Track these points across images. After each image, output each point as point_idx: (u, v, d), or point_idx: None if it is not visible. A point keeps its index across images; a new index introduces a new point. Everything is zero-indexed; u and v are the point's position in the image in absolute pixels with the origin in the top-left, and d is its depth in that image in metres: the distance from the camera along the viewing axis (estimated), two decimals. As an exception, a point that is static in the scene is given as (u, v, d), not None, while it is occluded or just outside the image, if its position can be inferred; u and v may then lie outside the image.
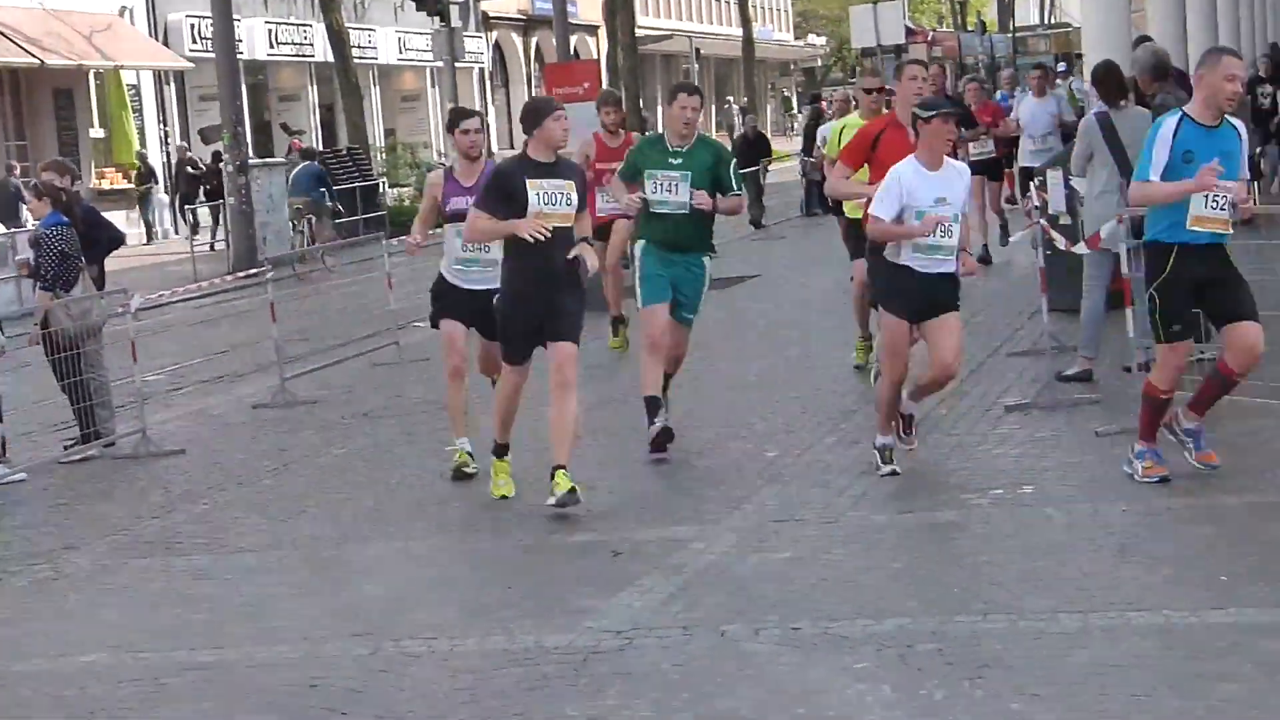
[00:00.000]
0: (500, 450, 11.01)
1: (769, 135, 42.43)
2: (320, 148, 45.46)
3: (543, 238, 10.27)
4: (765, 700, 6.89)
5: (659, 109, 66.17)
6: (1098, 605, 7.64)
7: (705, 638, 7.76)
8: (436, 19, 21.74)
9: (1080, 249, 12.49)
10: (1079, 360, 12.96)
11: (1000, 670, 6.95)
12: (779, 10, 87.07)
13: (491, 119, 56.09)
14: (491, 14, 57.12)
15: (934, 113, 10.23)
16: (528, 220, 10.29)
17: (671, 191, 11.84)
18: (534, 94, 58.15)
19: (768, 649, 7.53)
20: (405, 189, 41.96)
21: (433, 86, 52.71)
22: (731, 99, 73.90)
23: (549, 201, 10.41)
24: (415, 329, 20.85)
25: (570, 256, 10.45)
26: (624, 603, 8.42)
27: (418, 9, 21.58)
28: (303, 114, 48.97)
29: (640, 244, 11.98)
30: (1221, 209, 9.36)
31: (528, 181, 10.41)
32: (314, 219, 34.32)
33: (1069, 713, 6.46)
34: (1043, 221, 13.24)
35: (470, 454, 11.55)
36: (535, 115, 10.55)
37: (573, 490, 10.16)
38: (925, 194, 10.14)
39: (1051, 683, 6.74)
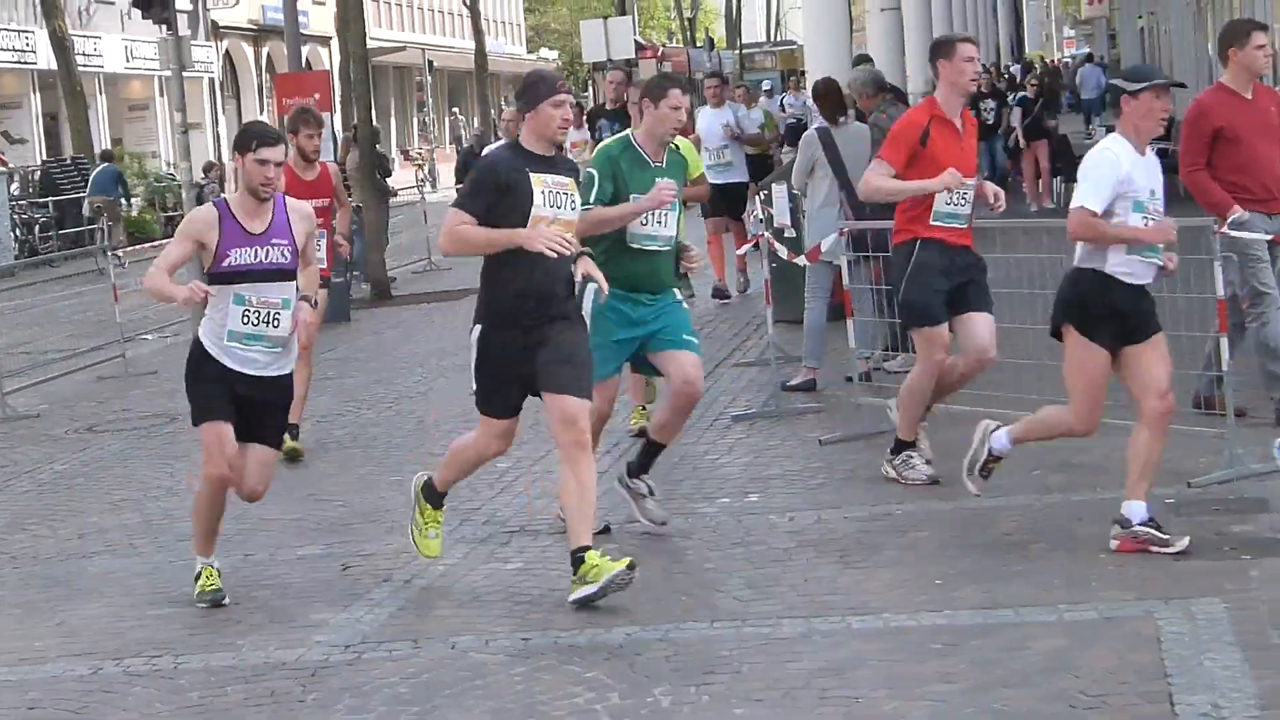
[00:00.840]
0: (435, 498, 9.03)
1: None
2: (44, 157, 44.50)
3: (566, 252, 8.18)
4: (495, 712, 6.92)
5: (391, 120, 65.96)
6: (820, 610, 7.81)
7: (435, 650, 7.77)
8: (163, 27, 21.31)
9: (802, 260, 12.73)
10: (803, 370, 13.21)
11: (726, 676, 7.07)
12: (512, 24, 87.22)
13: (222, 130, 55.35)
14: (221, 23, 56.35)
15: (1144, 85, 8.32)
16: (542, 229, 8.16)
17: (662, 223, 9.32)
18: (265, 105, 57.61)
19: (498, 660, 7.56)
20: (134, 199, 41.21)
21: (161, 96, 51.79)
22: (457, 110, 73.90)
23: (555, 204, 8.33)
24: (142, 341, 20.54)
25: (579, 277, 8.40)
26: (354, 616, 8.39)
27: (143, 16, 21.20)
28: (25, 122, 47.79)
29: (595, 292, 8.63)
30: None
31: (531, 176, 8.27)
32: (111, 222, 33.89)
33: (792, 716, 6.59)
34: (767, 234, 13.47)
35: (218, 570, 8.92)
36: (532, 93, 8.37)
37: (631, 566, 8.01)
38: (1142, 182, 8.27)
39: (775, 687, 6.87)
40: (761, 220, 13.93)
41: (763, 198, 15.06)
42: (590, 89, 59.82)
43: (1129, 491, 8.24)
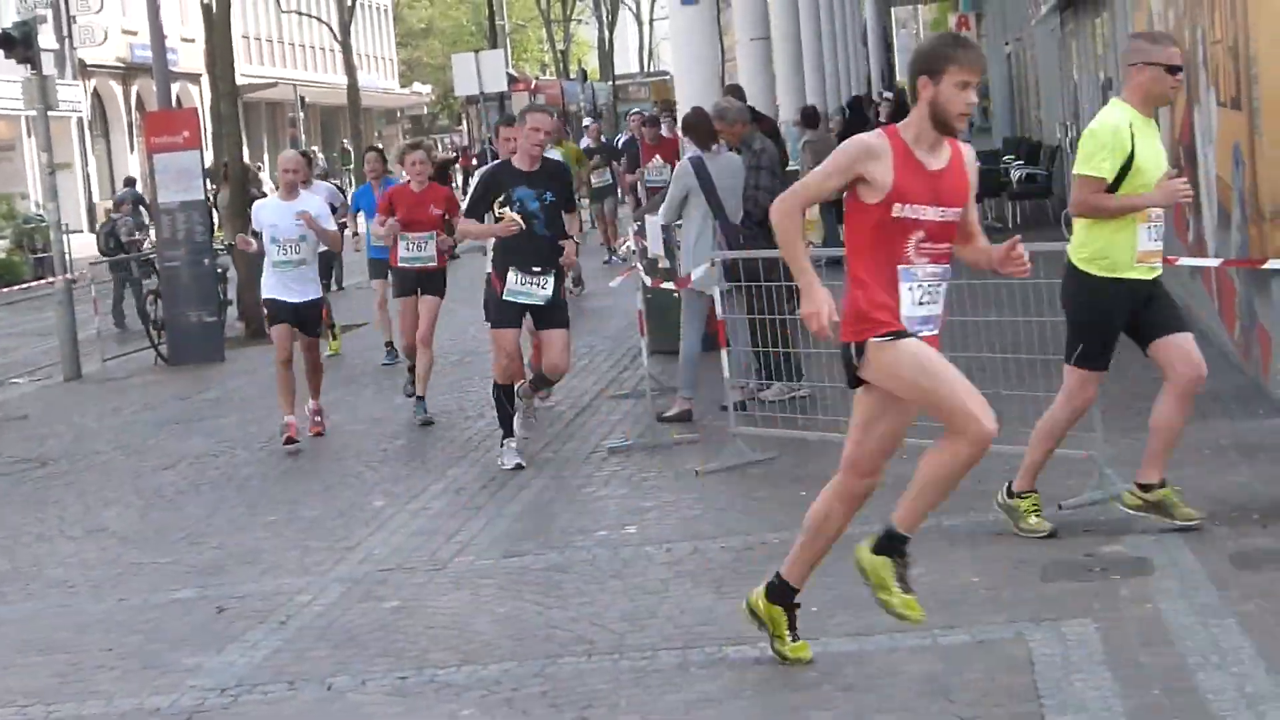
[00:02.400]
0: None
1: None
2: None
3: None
4: (371, 751, 6.88)
5: (265, 156, 65.53)
6: (696, 641, 7.82)
7: (311, 691, 7.71)
8: (28, 66, 21.07)
9: (668, 285, 12.74)
10: (678, 401, 13.23)
11: (604, 709, 7.06)
12: (384, 59, 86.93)
13: (92, 170, 54.76)
14: (89, 62, 55.75)
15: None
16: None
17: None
18: (135, 144, 57.03)
19: (375, 699, 7.52)
20: (2, 240, 40.68)
21: (28, 136, 51.16)
22: (317, 148, 73.51)
23: None
24: (13, 386, 20.28)
25: None
26: (229, 659, 8.32)
27: (5, 56, 20.94)
28: (-112, 163, 47.10)
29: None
30: None
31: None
32: None
33: (669, 748, 6.61)
34: (639, 265, 13.50)
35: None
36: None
37: None
38: None
39: (652, 719, 6.87)
40: (635, 251, 13.95)
41: (636, 229, 15.10)
42: (464, 123, 59.72)
43: None
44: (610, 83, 77.98)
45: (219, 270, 22.07)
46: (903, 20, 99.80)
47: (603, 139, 31.01)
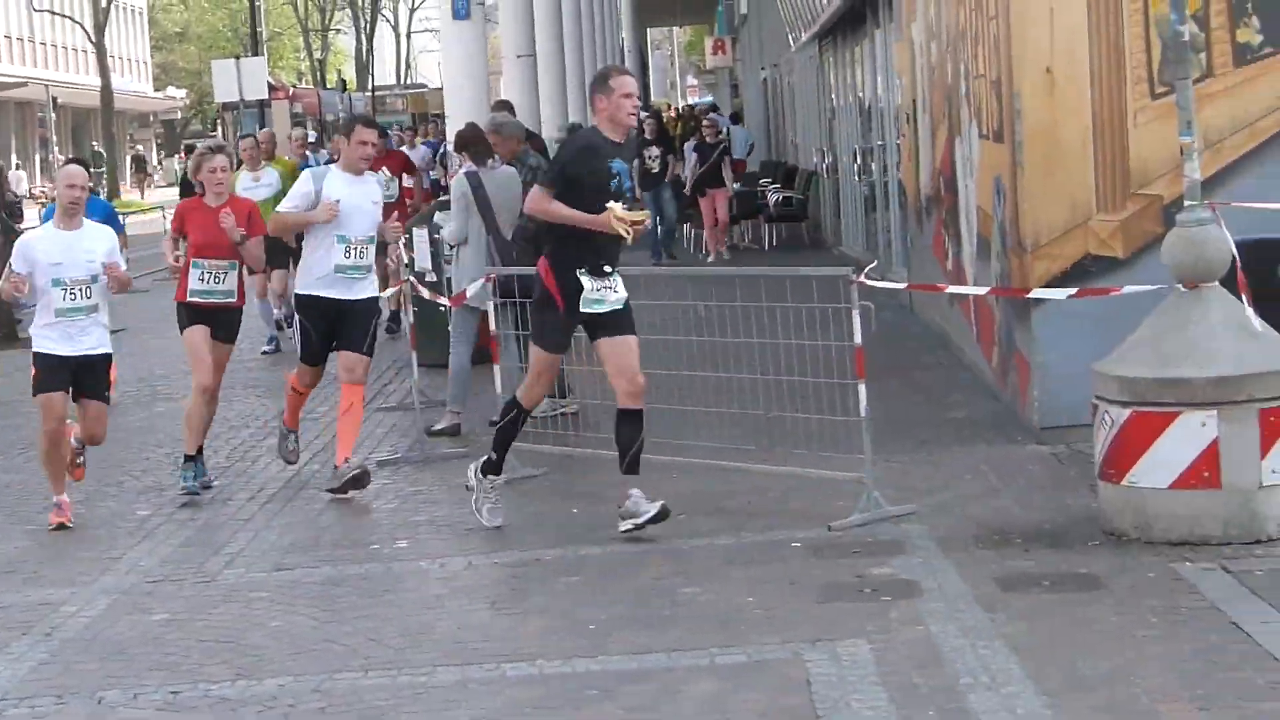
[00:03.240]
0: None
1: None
2: None
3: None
4: (146, 766, 6.77)
5: (12, 157, 64.03)
6: (475, 658, 7.80)
7: (80, 705, 7.55)
8: None
9: (444, 301, 12.69)
10: (447, 415, 13.21)
11: (383, 726, 7.03)
12: (138, 61, 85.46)
13: None
14: None
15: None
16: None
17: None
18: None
19: (146, 714, 7.39)
20: None
21: None
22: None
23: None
24: None
25: None
26: (-9, 671, 8.12)
27: None
28: None
29: None
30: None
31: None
32: None
33: (451, 764, 6.59)
34: (410, 278, 13.45)
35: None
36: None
37: None
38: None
39: (433, 736, 6.87)
40: (407, 264, 13.90)
41: (404, 241, 15.02)
42: (219, 129, 58.89)
43: None
44: (369, 93, 77.55)
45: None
46: (657, 41, 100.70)
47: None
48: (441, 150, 25.00)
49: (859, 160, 23.96)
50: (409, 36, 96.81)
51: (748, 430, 11.01)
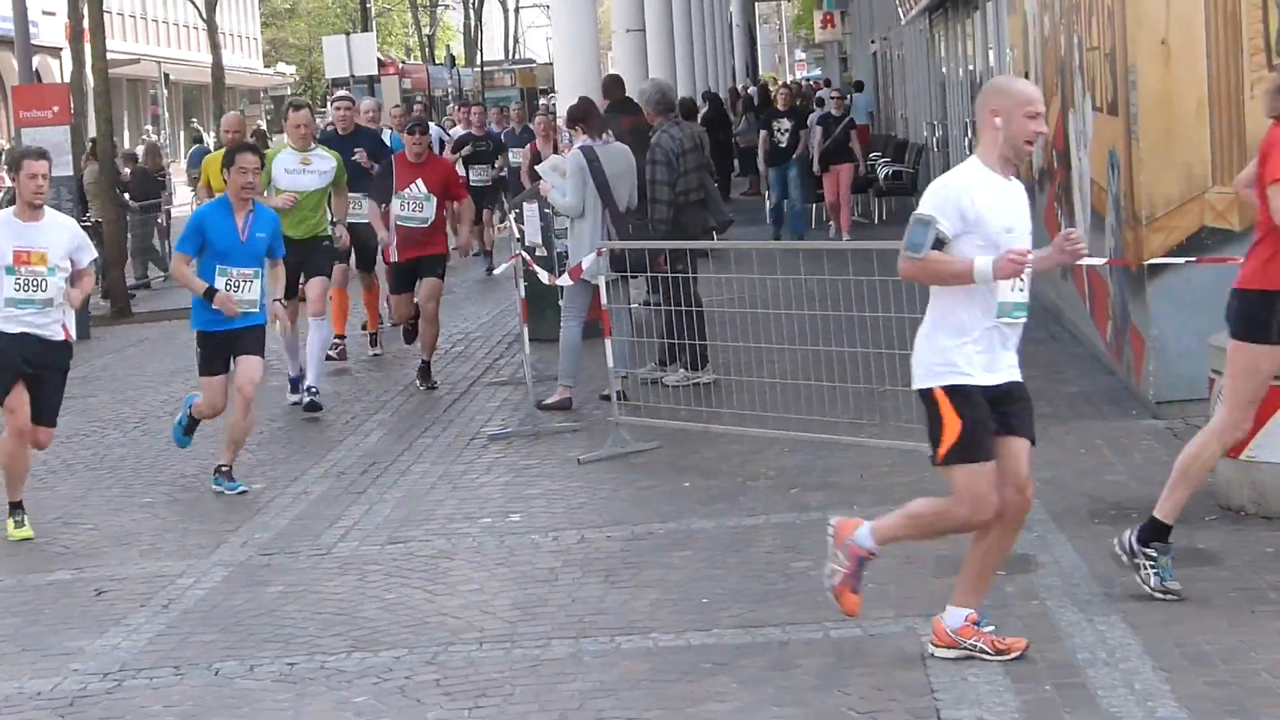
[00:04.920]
0: None
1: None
2: None
3: None
4: (264, 737, 6.84)
5: (125, 133, 64.61)
6: (588, 631, 7.83)
7: (198, 676, 7.64)
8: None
9: (563, 280, 12.75)
10: (559, 389, 13.23)
11: (498, 698, 7.05)
12: (249, 38, 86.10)
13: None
14: (-55, 32, 54.76)
15: None
16: None
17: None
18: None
19: (263, 686, 7.46)
20: None
21: (-117, 107, 50.21)
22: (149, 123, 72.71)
23: None
24: None
25: None
26: (111, 643, 8.21)
27: None
28: None
29: None
30: None
31: None
32: None
33: (566, 737, 6.62)
34: (522, 253, 13.48)
35: None
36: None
37: None
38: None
39: (548, 709, 6.88)
40: (518, 239, 13.92)
41: (514, 216, 15.07)
42: (328, 105, 59.17)
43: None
44: (477, 69, 77.73)
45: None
46: (765, 15, 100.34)
47: (488, 127, 25.99)
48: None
49: (970, 134, 23.78)
50: (517, 11, 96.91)
51: (858, 405, 10.96)
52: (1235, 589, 7.69)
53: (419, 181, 14.49)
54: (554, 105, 21.29)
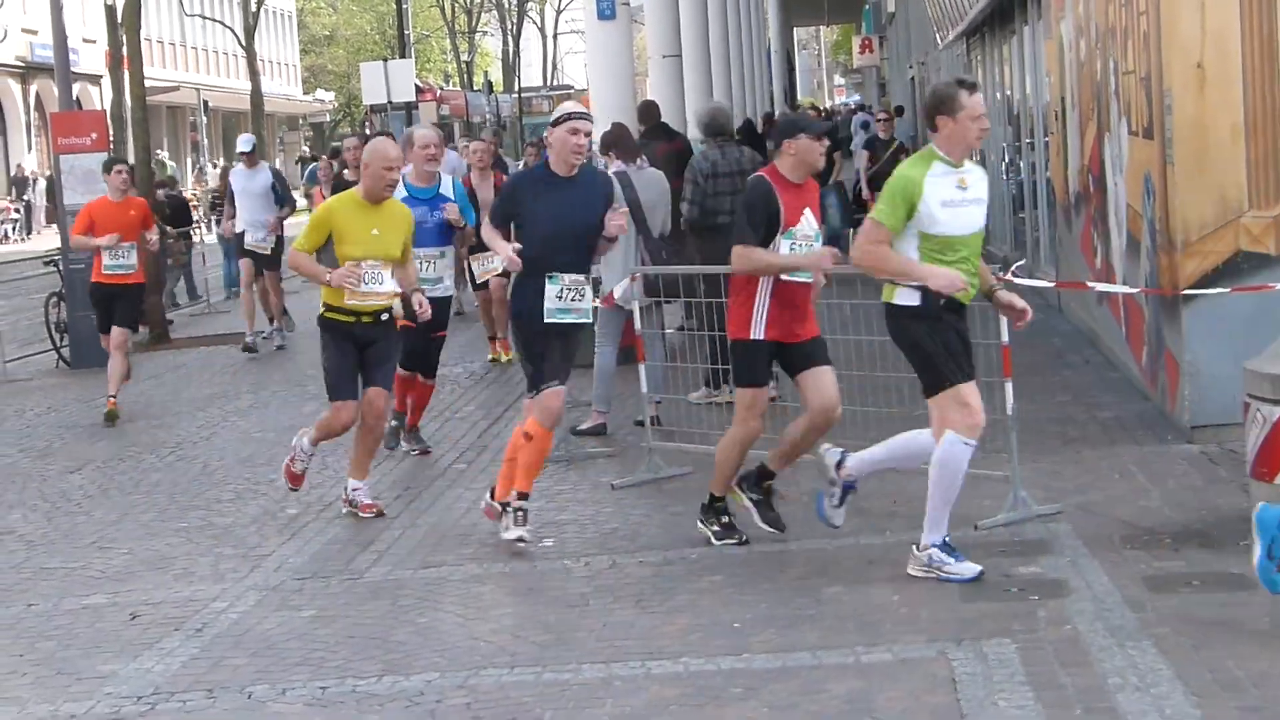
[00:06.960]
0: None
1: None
2: None
3: None
4: (294, 760, 6.85)
5: (163, 154, 64.91)
6: (619, 655, 7.83)
7: (230, 700, 7.66)
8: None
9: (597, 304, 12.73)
10: (593, 415, 13.24)
11: (527, 722, 7.07)
12: (288, 65, 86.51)
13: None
14: (-13, 60, 55.19)
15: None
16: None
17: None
18: (34, 144, 56.34)
19: (296, 709, 7.48)
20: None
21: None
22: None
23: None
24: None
25: None
26: (144, 666, 8.25)
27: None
28: None
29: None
30: None
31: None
32: None
33: (595, 761, 6.62)
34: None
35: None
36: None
37: None
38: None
39: (577, 732, 6.90)
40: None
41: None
42: (368, 131, 59.48)
43: None
44: (515, 95, 77.98)
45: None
46: (804, 41, 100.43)
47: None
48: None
49: (1006, 158, 23.75)
50: (555, 38, 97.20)
51: (892, 429, 10.93)
52: (1268, 614, 7.65)
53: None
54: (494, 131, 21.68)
